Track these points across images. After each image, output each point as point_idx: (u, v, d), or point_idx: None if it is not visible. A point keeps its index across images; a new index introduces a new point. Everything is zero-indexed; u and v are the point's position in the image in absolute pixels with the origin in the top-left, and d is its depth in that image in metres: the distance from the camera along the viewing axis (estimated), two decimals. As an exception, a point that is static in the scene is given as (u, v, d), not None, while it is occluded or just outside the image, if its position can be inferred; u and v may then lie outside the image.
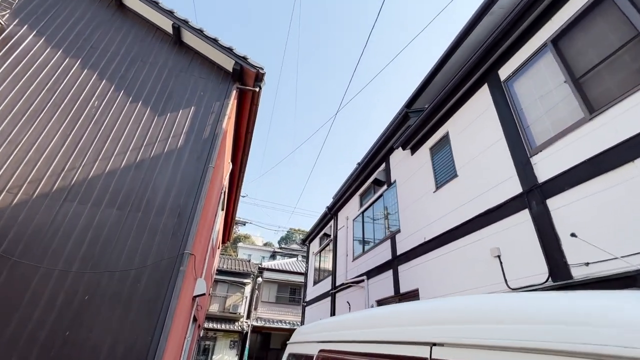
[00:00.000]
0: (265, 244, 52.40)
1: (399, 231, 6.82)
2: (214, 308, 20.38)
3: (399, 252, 6.63)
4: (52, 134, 3.83)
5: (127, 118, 4.25)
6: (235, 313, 20.29)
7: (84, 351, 2.92)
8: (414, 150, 6.84)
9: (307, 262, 14.68)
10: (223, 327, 19.40)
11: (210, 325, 19.18)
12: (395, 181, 7.48)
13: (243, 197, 15.73)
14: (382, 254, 7.35)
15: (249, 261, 24.71)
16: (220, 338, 19.76)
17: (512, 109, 4.41)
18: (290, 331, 23.06)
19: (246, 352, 19.42)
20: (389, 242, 7.14)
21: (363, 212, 9.13)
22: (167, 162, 4.12)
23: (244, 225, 16.13)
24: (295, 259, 28.36)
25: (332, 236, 11.58)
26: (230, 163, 6.25)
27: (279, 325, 20.70)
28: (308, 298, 13.23)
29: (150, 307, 3.23)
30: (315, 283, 12.68)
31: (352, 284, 8.65)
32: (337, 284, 9.88)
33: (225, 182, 6.05)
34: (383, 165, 8.30)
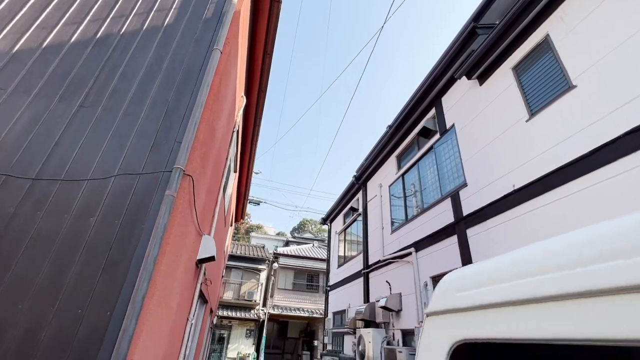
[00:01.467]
0: (278, 234, 51.56)
1: (464, 185, 5.21)
2: (229, 295, 19.31)
3: (466, 212, 5.04)
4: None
5: (84, -21, 2.77)
6: (250, 300, 19.15)
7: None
8: (484, 77, 5.16)
9: (328, 243, 13.24)
10: (238, 315, 18.31)
11: (225, 313, 18.10)
12: (453, 125, 5.83)
13: (257, 173, 14.33)
14: (438, 218, 5.77)
15: (264, 247, 23.52)
16: (236, 327, 18.70)
17: (701, -51, 2.70)
18: (309, 319, 21.71)
19: (263, 341, 18.31)
20: (448, 202, 5.55)
21: (404, 174, 7.54)
22: (147, 41, 2.64)
23: (258, 204, 14.75)
24: (310, 245, 27.06)
25: (360, 210, 10.05)
26: (244, 97, 4.76)
27: (297, 313, 19.49)
28: (332, 282, 11.82)
29: (111, 259, 1.78)
30: (340, 265, 11.25)
31: (392, 260, 7.13)
32: (371, 262, 8.39)
33: (239, 119, 4.56)
34: (432, 112, 6.65)
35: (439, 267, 5.49)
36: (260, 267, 20.72)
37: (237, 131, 4.95)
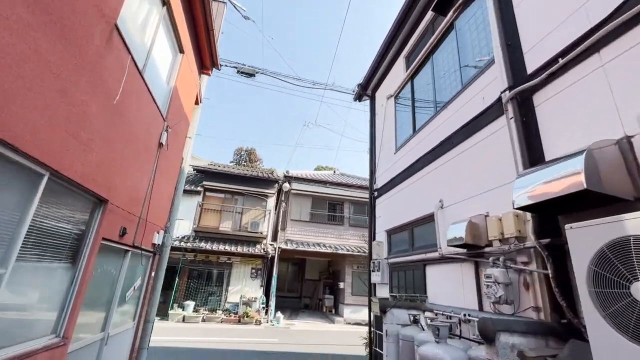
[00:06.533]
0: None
1: None
2: (226, 226, 14.83)
3: None
4: None
5: None
6: (255, 232, 14.66)
7: None
8: None
9: (372, 126, 7.79)
10: (240, 249, 13.91)
11: (222, 247, 13.72)
12: None
13: (247, 18, 8.36)
14: None
15: (273, 172, 18.56)
16: (237, 265, 14.44)
17: None
18: (332, 256, 16.99)
19: (274, 283, 14.10)
20: None
21: None
22: None
23: (253, 76, 9.26)
24: (331, 172, 21.98)
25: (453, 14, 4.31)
26: None
27: (316, 249, 14.96)
28: (381, 182, 6.58)
29: None
30: (404, 143, 5.88)
31: None
32: (533, 67, 2.85)
33: None
34: None
35: None
36: (267, 191, 15.88)
37: None
